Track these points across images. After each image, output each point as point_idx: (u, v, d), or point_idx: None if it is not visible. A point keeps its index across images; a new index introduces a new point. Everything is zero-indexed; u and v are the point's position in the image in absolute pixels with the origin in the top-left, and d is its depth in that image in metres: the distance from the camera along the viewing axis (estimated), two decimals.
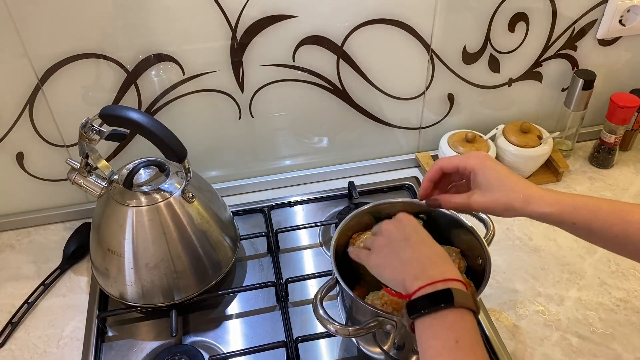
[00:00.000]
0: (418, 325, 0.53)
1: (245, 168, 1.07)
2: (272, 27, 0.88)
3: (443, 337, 0.51)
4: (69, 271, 0.92)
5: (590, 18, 1.00)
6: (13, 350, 0.80)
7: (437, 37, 0.96)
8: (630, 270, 0.88)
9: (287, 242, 0.96)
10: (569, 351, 0.77)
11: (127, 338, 0.82)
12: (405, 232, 0.62)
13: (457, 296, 0.52)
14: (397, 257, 0.60)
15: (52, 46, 0.83)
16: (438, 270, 0.56)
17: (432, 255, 0.59)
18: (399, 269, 0.58)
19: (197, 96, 0.93)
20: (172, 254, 0.78)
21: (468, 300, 0.52)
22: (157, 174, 0.81)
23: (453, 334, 0.51)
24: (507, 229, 0.96)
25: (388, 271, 0.60)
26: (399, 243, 0.61)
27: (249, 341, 0.81)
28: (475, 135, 1.02)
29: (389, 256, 0.60)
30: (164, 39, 0.86)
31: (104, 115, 0.72)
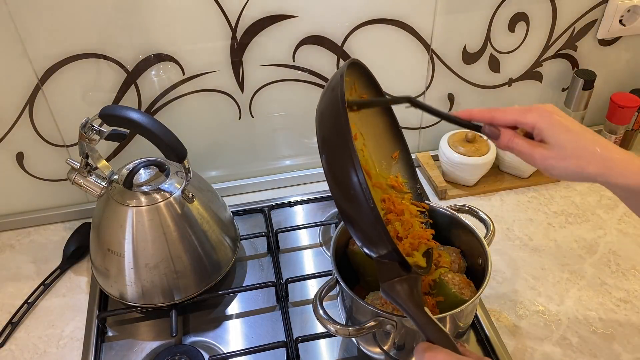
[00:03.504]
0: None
1: (245, 168, 1.07)
2: (272, 27, 0.88)
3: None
4: (69, 271, 0.92)
5: (590, 18, 1.00)
6: (13, 350, 0.80)
7: (437, 37, 0.96)
8: (630, 270, 0.88)
9: (287, 242, 0.96)
10: (569, 351, 0.77)
11: (127, 338, 0.82)
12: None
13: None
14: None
15: (52, 46, 0.83)
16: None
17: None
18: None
19: (197, 96, 0.93)
20: (172, 254, 0.78)
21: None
22: (157, 174, 0.81)
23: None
24: (507, 229, 0.96)
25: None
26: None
27: (249, 341, 0.81)
28: (476, 135, 1.02)
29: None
30: (164, 39, 0.86)
31: (104, 115, 0.72)
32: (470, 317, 0.71)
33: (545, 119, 0.55)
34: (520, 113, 0.57)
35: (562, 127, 0.55)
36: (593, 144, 0.54)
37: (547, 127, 0.55)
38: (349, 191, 0.52)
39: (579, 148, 0.54)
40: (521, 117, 0.57)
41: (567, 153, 0.54)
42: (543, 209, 1.00)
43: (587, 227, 0.96)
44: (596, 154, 0.53)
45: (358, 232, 0.56)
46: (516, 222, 0.97)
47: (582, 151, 0.54)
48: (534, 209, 1.00)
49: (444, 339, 0.54)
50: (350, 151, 0.52)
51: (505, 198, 1.03)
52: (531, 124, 0.56)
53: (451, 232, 0.76)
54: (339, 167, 0.53)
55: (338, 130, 0.53)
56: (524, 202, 1.02)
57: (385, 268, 0.57)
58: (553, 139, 0.55)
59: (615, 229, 0.95)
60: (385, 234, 0.54)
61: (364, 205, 0.52)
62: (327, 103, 0.56)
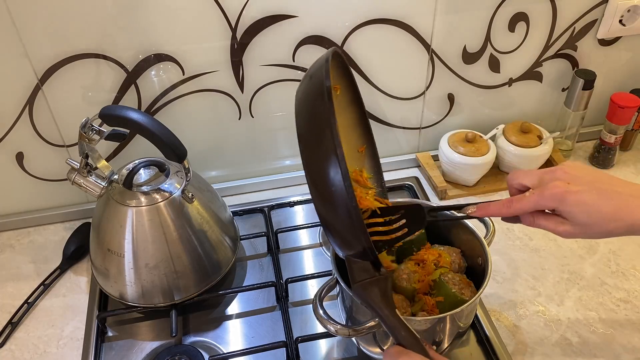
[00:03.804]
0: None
1: (245, 168, 1.06)
2: (272, 27, 0.88)
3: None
4: (69, 271, 0.92)
5: (590, 18, 1.00)
6: (13, 350, 0.80)
7: (437, 37, 0.96)
8: (630, 270, 0.88)
9: (287, 242, 0.96)
10: (569, 351, 0.77)
11: (127, 338, 0.82)
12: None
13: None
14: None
15: (52, 46, 0.83)
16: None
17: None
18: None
19: (197, 96, 0.93)
20: (172, 254, 0.78)
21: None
22: (157, 174, 0.81)
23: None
24: (507, 229, 0.96)
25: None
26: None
27: (249, 341, 0.81)
28: (475, 135, 1.02)
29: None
30: (164, 39, 0.86)
31: (104, 115, 0.72)
32: (470, 317, 0.71)
33: (559, 203, 0.56)
34: (535, 203, 0.57)
35: (578, 208, 0.55)
36: (614, 212, 0.55)
37: (564, 210, 0.56)
38: (329, 186, 0.51)
39: (601, 220, 0.55)
40: (537, 206, 0.57)
41: (590, 228, 0.56)
42: None
43: None
44: (619, 220, 0.55)
45: (334, 229, 0.55)
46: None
47: (605, 222, 0.55)
48: None
49: (415, 342, 0.53)
50: (334, 140, 0.50)
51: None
52: (550, 209, 0.57)
53: (451, 232, 0.76)
54: (321, 158, 0.52)
55: (321, 119, 0.52)
56: None
57: (358, 268, 0.57)
58: (573, 220, 0.56)
59: None
60: (363, 232, 0.53)
61: (344, 201, 0.51)
62: (309, 88, 0.55)
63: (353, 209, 0.51)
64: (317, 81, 0.54)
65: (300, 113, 0.55)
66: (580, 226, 0.56)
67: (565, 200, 0.55)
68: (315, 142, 0.53)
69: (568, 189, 0.55)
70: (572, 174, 0.57)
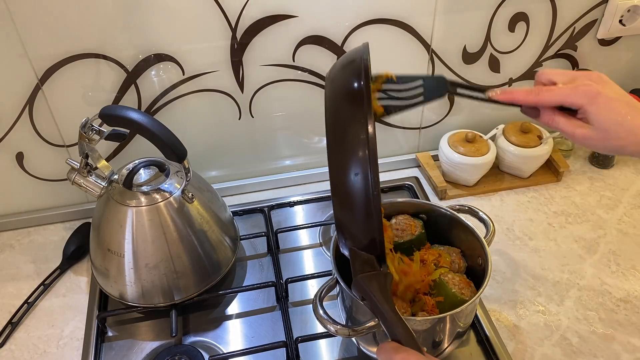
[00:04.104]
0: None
1: (245, 168, 1.06)
2: (272, 27, 0.88)
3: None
4: (69, 271, 0.92)
5: (590, 18, 1.00)
6: (13, 350, 0.80)
7: (437, 37, 0.96)
8: (630, 270, 0.88)
9: (287, 242, 0.96)
10: (569, 351, 0.77)
11: (127, 338, 0.82)
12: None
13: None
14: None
15: (52, 46, 0.83)
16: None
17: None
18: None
19: (197, 96, 0.93)
20: (172, 254, 0.78)
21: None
22: (157, 174, 0.81)
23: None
24: (507, 229, 0.96)
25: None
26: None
27: (249, 341, 0.81)
28: (476, 135, 1.02)
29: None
30: (164, 39, 0.86)
31: (104, 115, 0.72)
32: (470, 317, 0.71)
33: (590, 101, 0.55)
34: (566, 95, 0.57)
35: (607, 110, 0.55)
36: (636, 126, 0.55)
37: (592, 110, 0.55)
38: (353, 171, 0.51)
39: (622, 131, 0.55)
40: (567, 98, 0.57)
41: (609, 135, 0.55)
42: (543, 209, 1.00)
43: (587, 227, 0.96)
44: (636, 135, 0.55)
45: (347, 215, 0.54)
46: (516, 222, 0.97)
47: (625, 134, 0.55)
48: (534, 209, 1.00)
49: (411, 340, 0.53)
50: (366, 128, 0.50)
51: (505, 198, 1.03)
52: (577, 106, 0.56)
53: (451, 232, 0.76)
54: (351, 142, 0.51)
55: (356, 104, 0.51)
56: (524, 202, 1.02)
57: (361, 260, 0.56)
58: (597, 122, 0.55)
59: (615, 229, 0.95)
60: (379, 222, 0.52)
61: (365, 189, 0.51)
62: (349, 74, 0.53)
63: (374, 199, 0.51)
64: (357, 64, 0.53)
65: (332, 103, 0.54)
66: (599, 131, 0.55)
67: (597, 100, 0.55)
68: (345, 135, 0.52)
69: (601, 91, 0.55)
70: (607, 81, 0.57)
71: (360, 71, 0.53)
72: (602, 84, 0.57)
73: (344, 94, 0.54)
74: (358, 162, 0.51)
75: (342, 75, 0.56)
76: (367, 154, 0.51)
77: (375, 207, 0.52)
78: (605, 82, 0.57)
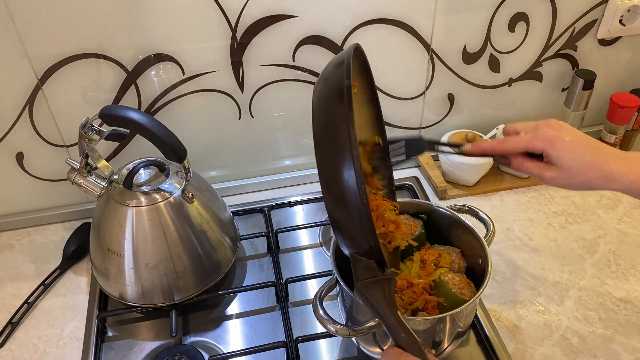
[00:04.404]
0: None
1: (245, 168, 1.06)
2: (272, 27, 0.88)
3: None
4: (69, 271, 0.92)
5: (590, 18, 1.00)
6: (13, 350, 0.80)
7: (437, 37, 0.96)
8: (630, 270, 0.88)
9: (287, 242, 0.96)
10: (569, 351, 0.77)
11: (127, 338, 0.82)
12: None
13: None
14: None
15: (52, 46, 0.83)
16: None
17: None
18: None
19: (197, 96, 0.93)
20: (172, 254, 0.78)
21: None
22: (157, 174, 0.81)
23: None
24: (507, 229, 0.96)
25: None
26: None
27: (249, 341, 0.81)
28: (475, 135, 1.02)
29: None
30: (164, 39, 0.86)
31: (104, 115, 0.72)
32: (470, 317, 0.71)
33: (550, 145, 0.61)
34: (527, 142, 0.62)
35: (566, 151, 0.60)
36: (595, 162, 0.59)
37: (552, 153, 0.60)
38: (342, 184, 0.52)
39: (583, 168, 0.60)
40: (529, 145, 0.62)
41: (573, 173, 0.60)
42: (543, 209, 1.00)
43: (587, 227, 0.96)
44: (599, 169, 0.59)
45: (342, 225, 0.55)
46: (516, 222, 0.97)
47: (587, 170, 0.59)
48: (534, 209, 1.00)
49: (414, 345, 0.53)
50: (349, 138, 0.51)
51: (505, 198, 1.03)
52: (539, 151, 0.62)
53: (451, 232, 0.76)
54: (335, 156, 0.52)
55: (338, 117, 0.52)
56: (524, 202, 1.02)
57: (362, 266, 0.56)
58: (559, 163, 0.60)
59: (615, 229, 0.95)
60: (371, 230, 0.53)
61: (356, 198, 0.51)
62: (329, 84, 0.54)
63: (363, 207, 0.52)
64: (338, 78, 0.54)
65: (317, 109, 0.55)
66: (564, 171, 0.60)
67: (555, 144, 0.60)
68: (332, 139, 0.53)
69: (559, 135, 0.61)
70: (564, 126, 0.62)
71: (342, 74, 0.53)
72: (560, 129, 0.62)
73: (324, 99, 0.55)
74: (347, 171, 0.52)
75: (327, 74, 0.56)
76: (352, 164, 0.51)
77: (367, 216, 0.52)
78: (563, 127, 0.62)
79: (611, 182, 0.59)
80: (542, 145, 0.61)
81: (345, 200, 0.52)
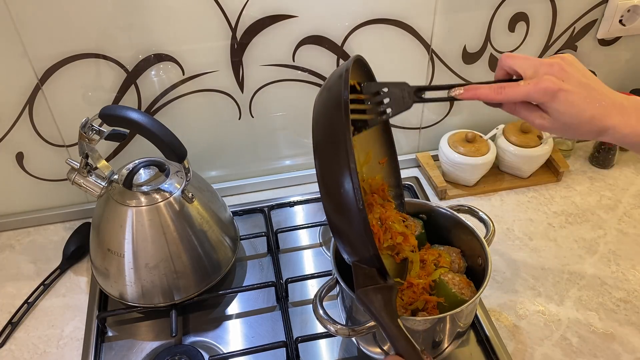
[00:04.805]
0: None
1: (245, 168, 1.06)
2: (272, 27, 0.88)
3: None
4: (69, 271, 0.92)
5: (590, 18, 1.00)
6: (13, 350, 0.80)
7: (437, 37, 0.96)
8: (630, 270, 0.88)
9: (287, 242, 0.96)
10: (569, 351, 0.77)
11: (127, 338, 0.82)
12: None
13: None
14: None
15: (52, 46, 0.83)
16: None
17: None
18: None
19: (197, 96, 0.93)
20: (172, 254, 0.78)
21: None
22: (157, 174, 0.81)
23: None
24: (507, 229, 0.96)
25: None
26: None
27: (249, 341, 0.81)
28: (476, 135, 1.02)
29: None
30: (164, 39, 0.86)
31: (104, 115, 0.72)
32: (470, 317, 0.71)
33: (550, 98, 0.57)
34: (527, 93, 0.58)
35: (566, 106, 0.57)
36: (593, 117, 0.57)
37: (551, 106, 0.57)
38: (341, 195, 0.52)
39: (580, 122, 0.57)
40: (529, 96, 0.58)
41: (565, 127, 0.58)
42: (543, 209, 1.00)
43: (587, 227, 0.96)
44: (595, 124, 0.57)
45: (343, 234, 0.56)
46: (516, 222, 0.97)
47: (582, 124, 0.57)
48: (534, 209, 1.00)
49: (414, 354, 0.53)
50: (347, 149, 0.52)
51: (505, 198, 1.03)
52: (538, 102, 0.59)
53: (451, 232, 0.76)
54: (335, 168, 0.53)
55: (337, 131, 0.53)
56: (524, 202, 1.02)
57: (362, 273, 0.56)
58: (555, 116, 0.58)
59: (615, 229, 0.95)
60: (370, 238, 0.53)
61: (355, 211, 0.52)
62: (328, 97, 0.55)
63: (362, 220, 0.52)
64: (336, 91, 0.54)
65: (317, 121, 0.56)
66: (557, 123, 0.58)
67: (557, 98, 0.57)
68: (332, 152, 0.53)
69: (562, 87, 0.57)
70: (568, 71, 0.58)
71: (339, 91, 0.54)
72: (565, 77, 0.57)
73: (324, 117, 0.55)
74: (345, 180, 0.52)
75: (328, 92, 0.57)
76: (349, 172, 0.51)
77: (365, 224, 0.52)
78: (568, 74, 0.58)
79: (603, 135, 0.58)
80: (543, 98, 0.57)
81: (345, 212, 0.53)
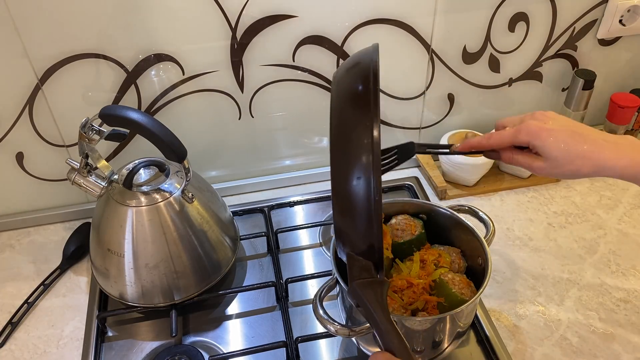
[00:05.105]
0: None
1: (245, 168, 1.06)
2: (272, 27, 0.88)
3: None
4: (69, 271, 0.92)
5: (590, 18, 1.00)
6: (13, 350, 0.80)
7: (437, 37, 0.96)
8: (630, 270, 0.88)
9: (287, 242, 0.96)
10: (569, 351, 0.77)
11: (127, 338, 0.82)
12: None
13: None
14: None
15: (52, 46, 0.83)
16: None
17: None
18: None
19: (197, 96, 0.93)
20: (172, 254, 0.78)
21: None
22: (157, 174, 0.81)
23: None
24: (507, 229, 0.96)
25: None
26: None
27: (249, 341, 0.81)
28: (475, 135, 1.02)
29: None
30: (164, 39, 0.86)
31: (104, 115, 0.72)
32: (470, 317, 0.71)
33: (534, 137, 0.61)
34: (512, 136, 0.63)
35: (552, 142, 0.60)
36: (582, 150, 0.59)
37: (537, 144, 0.61)
38: (355, 175, 0.52)
39: (571, 156, 0.60)
40: (514, 139, 0.63)
41: (560, 163, 0.61)
42: (543, 209, 1.00)
43: (587, 227, 0.96)
44: (588, 159, 0.59)
45: (347, 220, 0.54)
46: (516, 222, 0.97)
47: (574, 158, 0.60)
48: (534, 209, 1.00)
49: (404, 350, 0.52)
50: (372, 143, 0.51)
51: (505, 198, 1.03)
52: (525, 143, 0.62)
53: (451, 232, 0.76)
54: (355, 145, 0.52)
55: (362, 107, 0.53)
56: (524, 202, 1.02)
57: (358, 266, 0.55)
58: (546, 153, 0.61)
59: (615, 229, 0.95)
60: (378, 229, 0.52)
61: (367, 194, 0.51)
62: (352, 80, 0.55)
63: (375, 204, 0.51)
64: (365, 66, 0.56)
65: (338, 106, 0.55)
66: (551, 160, 0.60)
67: (540, 136, 0.60)
68: (349, 138, 0.53)
69: (543, 126, 0.61)
70: (549, 116, 0.63)
71: (368, 73, 0.54)
72: (544, 119, 0.62)
73: (349, 97, 0.55)
74: (361, 166, 0.51)
75: (348, 78, 0.57)
76: (370, 158, 0.51)
77: (376, 212, 0.51)
78: (548, 117, 0.62)
79: (602, 170, 0.59)
80: (527, 138, 0.61)
81: (356, 195, 0.52)
